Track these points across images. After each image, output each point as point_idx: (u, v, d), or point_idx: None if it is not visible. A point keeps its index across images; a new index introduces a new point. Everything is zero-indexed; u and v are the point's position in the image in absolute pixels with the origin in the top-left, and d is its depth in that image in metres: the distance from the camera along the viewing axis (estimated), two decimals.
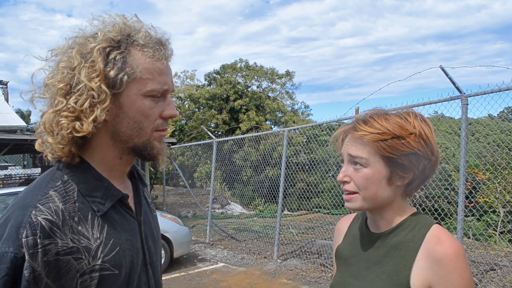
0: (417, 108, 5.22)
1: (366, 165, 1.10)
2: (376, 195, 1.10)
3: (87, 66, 0.90)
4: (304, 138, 15.17)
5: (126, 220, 1.02)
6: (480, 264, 5.92)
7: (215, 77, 26.32)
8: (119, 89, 0.92)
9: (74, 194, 0.93)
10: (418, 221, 1.11)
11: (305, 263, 6.86)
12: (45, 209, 0.86)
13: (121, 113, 0.95)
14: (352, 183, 1.12)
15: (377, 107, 1.20)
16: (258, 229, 9.80)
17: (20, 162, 26.55)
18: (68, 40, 0.96)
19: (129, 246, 0.99)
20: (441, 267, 1.00)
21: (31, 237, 0.83)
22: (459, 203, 4.51)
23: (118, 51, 0.92)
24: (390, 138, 1.07)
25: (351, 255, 1.22)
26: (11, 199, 6.25)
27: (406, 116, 1.11)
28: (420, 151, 1.08)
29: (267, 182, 10.88)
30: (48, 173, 0.98)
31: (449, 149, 13.53)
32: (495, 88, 4.31)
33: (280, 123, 25.39)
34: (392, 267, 1.08)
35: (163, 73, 0.97)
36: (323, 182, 12.14)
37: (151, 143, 0.99)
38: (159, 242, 1.18)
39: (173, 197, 15.06)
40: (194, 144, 12.32)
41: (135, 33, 0.96)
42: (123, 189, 1.04)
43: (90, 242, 0.90)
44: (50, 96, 0.94)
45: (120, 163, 1.03)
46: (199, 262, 7.41)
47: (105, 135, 0.97)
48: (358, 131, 1.11)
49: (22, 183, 17.49)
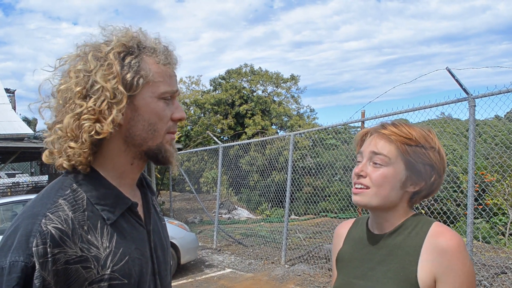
0: (424, 110, 5.19)
1: (387, 164, 1.15)
2: (388, 194, 1.15)
3: (103, 68, 0.92)
4: (310, 142, 15.14)
5: (135, 229, 1.02)
6: (491, 267, 5.84)
7: (220, 82, 26.38)
8: (135, 91, 0.95)
9: (83, 202, 0.93)
10: (419, 220, 1.18)
11: (313, 268, 6.82)
12: (54, 218, 0.86)
13: (136, 115, 0.97)
14: (368, 178, 1.17)
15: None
16: (265, 234, 9.77)
17: (28, 170, 26.75)
18: (78, 48, 0.98)
19: (139, 255, 0.99)
20: (445, 257, 1.07)
21: (41, 246, 0.82)
22: (468, 206, 4.46)
23: (132, 56, 0.96)
24: (415, 145, 1.15)
25: (354, 258, 1.25)
26: (18, 207, 6.27)
27: (428, 131, 1.20)
28: (436, 165, 1.16)
29: (273, 186, 10.85)
30: (57, 181, 0.98)
31: (457, 151, 13.43)
32: (503, 89, 4.27)
33: (286, 127, 25.37)
34: (397, 264, 1.13)
35: (172, 76, 1.02)
36: (330, 186, 12.08)
37: (164, 145, 1.01)
38: (168, 252, 1.17)
39: (179, 202, 15.07)
40: (200, 150, 12.34)
41: (145, 40, 1.00)
42: (132, 197, 1.04)
43: (99, 251, 0.90)
44: (63, 102, 0.94)
45: (131, 169, 1.03)
46: (206, 268, 7.38)
47: (118, 140, 0.98)
48: (387, 130, 1.18)
49: (29, 191, 17.61)
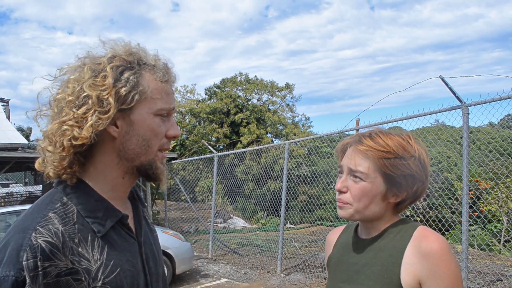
0: (418, 118, 5.22)
1: (365, 178, 1.15)
2: (368, 208, 1.16)
3: (96, 79, 0.94)
4: (305, 151, 15.15)
5: (126, 241, 1.02)
6: (486, 274, 5.84)
7: (216, 91, 26.42)
8: (129, 105, 0.96)
9: (73, 216, 0.93)
10: (405, 224, 1.18)
11: (309, 277, 6.78)
12: (45, 231, 0.86)
13: (131, 130, 0.98)
14: (348, 193, 1.18)
15: (376, 124, 1.24)
16: (261, 243, 9.73)
17: (22, 180, 26.54)
18: (79, 59, 0.99)
19: (130, 267, 0.99)
20: (429, 261, 1.06)
21: (31, 260, 0.83)
22: (463, 213, 4.47)
23: (131, 71, 0.97)
24: (393, 157, 1.13)
25: (341, 262, 1.27)
26: (12, 218, 6.21)
27: (407, 139, 1.17)
28: (417, 174, 1.15)
29: (269, 195, 10.83)
30: (47, 195, 0.98)
31: (451, 158, 13.49)
32: (496, 97, 4.30)
33: (281, 135, 25.40)
34: (381, 266, 1.13)
35: (169, 93, 1.03)
36: (325, 194, 12.08)
37: (155, 162, 1.02)
38: (161, 263, 1.17)
39: (174, 212, 14.99)
40: (195, 159, 12.30)
41: (145, 56, 1.02)
42: (123, 209, 1.04)
43: (90, 264, 0.90)
44: (58, 110, 0.95)
45: (123, 183, 1.04)
46: (201, 278, 7.33)
47: (111, 154, 0.99)
48: (363, 145, 1.16)
49: (23, 201, 17.45)
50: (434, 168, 11.03)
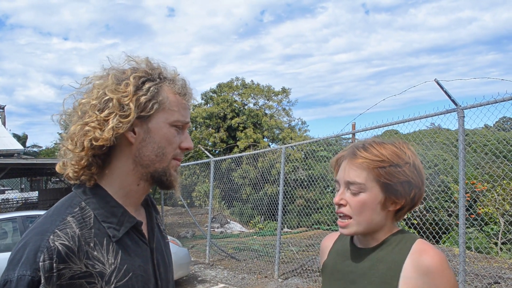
0: (413, 122, 5.23)
1: (363, 190, 1.15)
2: (370, 219, 1.16)
3: (120, 87, 1.00)
4: (302, 154, 15.16)
5: (139, 246, 1.06)
6: (484, 277, 5.84)
7: (212, 96, 26.45)
8: (148, 113, 1.02)
9: (90, 220, 0.98)
10: (403, 236, 1.19)
11: (306, 281, 6.77)
12: (62, 235, 0.91)
13: (148, 137, 1.04)
14: (348, 206, 1.18)
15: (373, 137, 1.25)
16: (258, 247, 9.70)
17: (18, 186, 26.41)
18: (105, 70, 1.06)
19: (142, 272, 1.03)
20: (429, 275, 1.07)
21: (47, 261, 0.87)
22: (460, 216, 4.47)
23: (152, 82, 1.03)
24: (388, 165, 1.14)
25: (336, 270, 1.26)
26: (8, 225, 6.17)
27: (400, 146, 1.19)
28: (413, 180, 1.16)
29: (266, 199, 10.82)
30: (66, 199, 1.03)
31: (447, 161, 13.52)
32: (491, 100, 4.31)
33: (277, 140, 25.42)
34: (378, 278, 1.13)
35: (186, 108, 1.10)
36: (322, 198, 12.07)
37: (169, 169, 1.08)
38: (171, 269, 1.22)
39: (171, 217, 14.95)
40: (192, 164, 12.27)
41: (166, 71, 1.09)
42: (137, 216, 1.09)
43: (104, 267, 0.94)
44: (82, 114, 1.01)
45: (137, 190, 1.08)
46: (199, 284, 7.29)
47: (128, 159, 1.04)
48: (358, 157, 1.17)
49: (19, 207, 17.35)
50: (431, 171, 11.06)
